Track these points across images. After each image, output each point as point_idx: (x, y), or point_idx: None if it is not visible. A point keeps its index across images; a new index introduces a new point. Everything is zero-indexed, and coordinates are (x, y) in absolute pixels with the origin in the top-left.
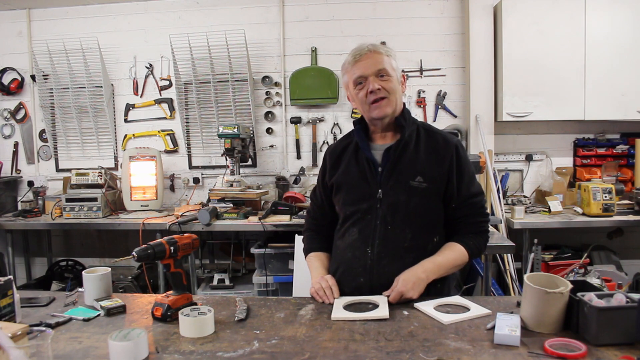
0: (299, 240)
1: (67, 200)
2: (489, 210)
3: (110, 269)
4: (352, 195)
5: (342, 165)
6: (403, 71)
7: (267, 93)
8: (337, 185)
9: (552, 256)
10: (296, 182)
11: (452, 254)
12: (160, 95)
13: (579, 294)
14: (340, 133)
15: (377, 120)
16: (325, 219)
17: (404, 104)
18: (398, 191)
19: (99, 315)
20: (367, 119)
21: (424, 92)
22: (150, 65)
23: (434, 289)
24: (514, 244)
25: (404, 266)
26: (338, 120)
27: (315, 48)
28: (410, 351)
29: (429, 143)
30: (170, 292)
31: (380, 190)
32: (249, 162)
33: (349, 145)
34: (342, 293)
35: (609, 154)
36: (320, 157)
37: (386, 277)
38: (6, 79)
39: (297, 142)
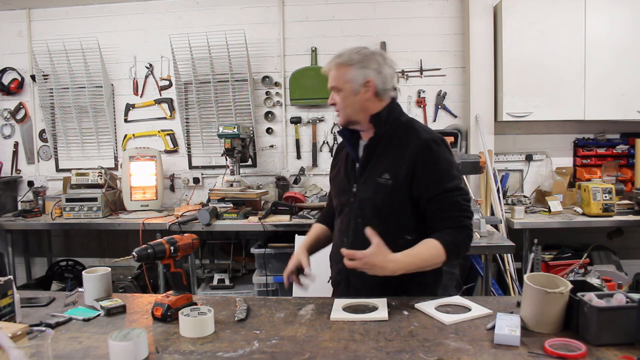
0: (299, 240)
1: (67, 200)
2: (486, 211)
3: (110, 269)
4: (337, 189)
5: (339, 161)
6: (403, 71)
7: (267, 93)
8: (331, 179)
9: (552, 256)
10: (296, 182)
11: (425, 249)
12: (160, 95)
13: (579, 294)
14: None
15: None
16: (331, 210)
17: (392, 100)
18: (367, 187)
19: (99, 315)
20: None
21: (424, 92)
22: (150, 65)
23: (410, 289)
24: (514, 244)
25: None
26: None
27: (315, 48)
28: (410, 351)
29: (402, 141)
30: (170, 292)
31: (355, 185)
32: (249, 162)
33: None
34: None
35: (609, 154)
36: (320, 157)
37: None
38: (6, 79)
39: (297, 142)
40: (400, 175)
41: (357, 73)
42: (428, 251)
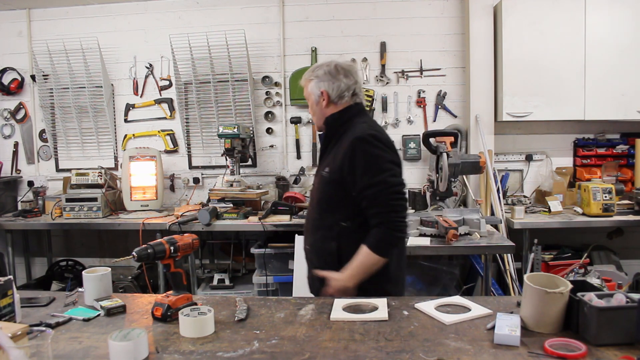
0: (299, 240)
1: (67, 200)
2: (486, 211)
3: (110, 269)
4: None
5: None
6: (403, 71)
7: (267, 93)
8: None
9: (552, 256)
10: (296, 182)
11: (361, 257)
12: (160, 95)
13: (579, 294)
14: None
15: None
16: None
17: (350, 105)
18: (316, 179)
19: (99, 315)
20: None
21: (424, 92)
22: (150, 65)
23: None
24: (514, 244)
25: (314, 241)
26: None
27: (315, 48)
28: (410, 351)
29: (342, 139)
30: (170, 292)
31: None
32: (249, 162)
33: None
34: None
35: (609, 154)
36: None
37: (306, 246)
38: (6, 79)
39: (297, 142)
40: (334, 169)
41: (315, 86)
42: (363, 258)
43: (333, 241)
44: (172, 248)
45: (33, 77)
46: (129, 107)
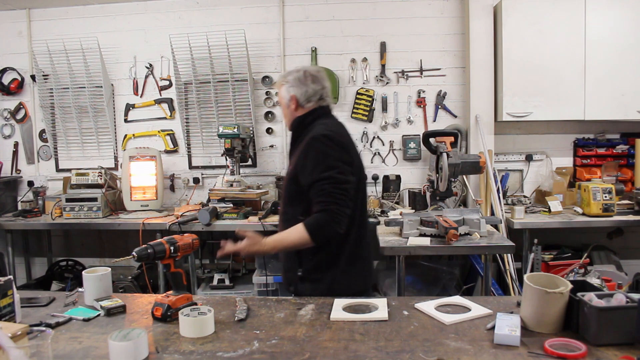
0: None
1: (67, 200)
2: (486, 211)
3: (110, 269)
4: None
5: None
6: (403, 71)
7: (267, 93)
8: None
9: (552, 256)
10: None
11: (292, 231)
12: (160, 95)
13: (579, 294)
14: None
15: None
16: None
17: (316, 108)
18: (286, 176)
19: (99, 315)
20: None
21: (424, 92)
22: (150, 65)
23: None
24: (514, 244)
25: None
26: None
27: (315, 48)
28: (410, 351)
29: (303, 139)
30: (170, 292)
31: None
32: (249, 162)
33: None
34: None
35: (609, 154)
36: None
37: None
38: (6, 79)
39: None
40: (295, 166)
41: (286, 91)
42: (294, 232)
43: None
44: (172, 248)
45: (33, 77)
46: (129, 107)
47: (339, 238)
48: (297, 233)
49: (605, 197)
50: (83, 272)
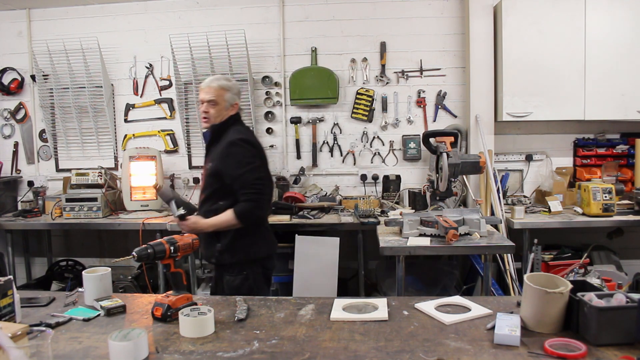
0: (299, 240)
1: (67, 200)
2: (486, 211)
3: (110, 269)
4: None
5: None
6: (403, 71)
7: (267, 93)
8: None
9: (552, 256)
10: (296, 182)
11: (223, 215)
12: (160, 95)
13: (579, 294)
14: (341, 133)
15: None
16: None
17: (232, 115)
18: (205, 171)
19: (99, 315)
20: None
21: (424, 92)
22: (150, 65)
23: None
24: (514, 244)
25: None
26: (338, 120)
27: (315, 48)
28: (410, 351)
29: (222, 141)
30: (170, 292)
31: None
32: None
33: None
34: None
35: (609, 154)
36: (321, 157)
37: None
38: (6, 79)
39: (297, 142)
40: (216, 163)
41: (231, 97)
42: (224, 216)
43: (213, 215)
44: (172, 248)
45: (33, 77)
46: (129, 107)
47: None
48: (227, 218)
49: (605, 197)
50: (83, 272)
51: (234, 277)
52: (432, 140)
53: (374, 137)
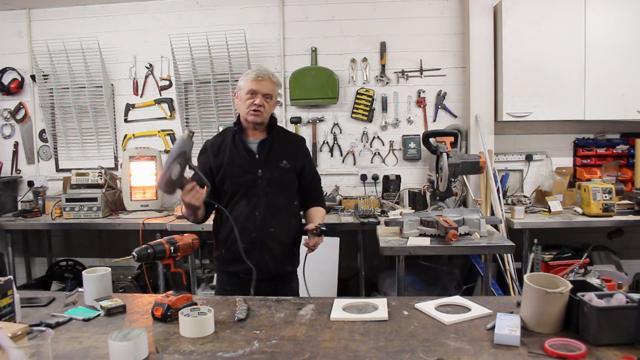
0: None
1: (67, 200)
2: (486, 211)
3: (110, 269)
4: (238, 174)
5: (225, 155)
6: (403, 71)
7: None
8: (224, 169)
9: (552, 256)
10: None
11: (320, 214)
12: (160, 95)
13: (579, 294)
14: (341, 133)
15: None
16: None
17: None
18: (273, 170)
19: (99, 315)
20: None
21: (424, 92)
22: (150, 65)
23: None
24: (514, 244)
25: (281, 221)
26: (338, 120)
27: (315, 48)
28: (410, 351)
29: (287, 139)
30: (170, 292)
31: (260, 170)
32: None
33: (224, 140)
34: (238, 249)
35: (609, 154)
36: (321, 157)
37: (271, 230)
38: (6, 79)
39: None
40: (294, 162)
41: (278, 93)
42: (322, 214)
43: (293, 217)
44: (172, 248)
45: (33, 77)
46: (129, 107)
47: None
48: (324, 214)
49: (605, 197)
50: (83, 272)
51: (296, 282)
52: (432, 140)
53: (374, 137)
